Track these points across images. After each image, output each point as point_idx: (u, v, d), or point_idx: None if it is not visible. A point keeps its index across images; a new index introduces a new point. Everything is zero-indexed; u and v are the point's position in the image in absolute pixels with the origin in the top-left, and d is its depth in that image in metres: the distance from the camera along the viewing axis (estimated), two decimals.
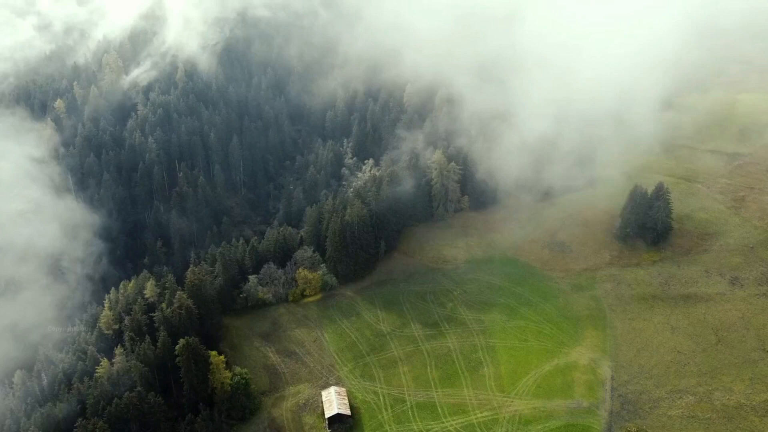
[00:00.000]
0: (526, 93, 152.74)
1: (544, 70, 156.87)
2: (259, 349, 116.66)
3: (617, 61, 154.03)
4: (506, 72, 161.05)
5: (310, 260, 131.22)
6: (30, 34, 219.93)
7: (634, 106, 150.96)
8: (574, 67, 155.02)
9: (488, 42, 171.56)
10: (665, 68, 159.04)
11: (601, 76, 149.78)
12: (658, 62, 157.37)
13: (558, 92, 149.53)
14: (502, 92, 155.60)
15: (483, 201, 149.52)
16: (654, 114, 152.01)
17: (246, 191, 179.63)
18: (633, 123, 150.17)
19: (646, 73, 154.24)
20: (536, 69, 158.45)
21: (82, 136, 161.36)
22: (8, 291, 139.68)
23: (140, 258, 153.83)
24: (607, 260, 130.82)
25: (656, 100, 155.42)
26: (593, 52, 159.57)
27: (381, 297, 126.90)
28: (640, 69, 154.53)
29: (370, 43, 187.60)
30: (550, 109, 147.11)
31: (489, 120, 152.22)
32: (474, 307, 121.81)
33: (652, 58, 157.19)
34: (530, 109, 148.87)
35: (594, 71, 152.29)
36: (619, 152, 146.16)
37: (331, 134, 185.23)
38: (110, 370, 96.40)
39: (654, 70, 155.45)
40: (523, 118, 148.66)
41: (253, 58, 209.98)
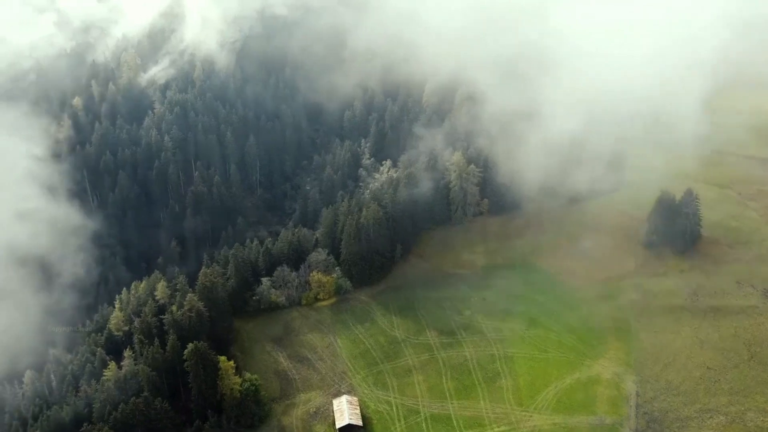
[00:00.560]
0: (553, 91, 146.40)
1: (572, 67, 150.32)
2: (270, 353, 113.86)
3: (652, 59, 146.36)
4: (531, 69, 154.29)
5: (325, 263, 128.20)
6: (50, 31, 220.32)
7: (669, 106, 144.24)
8: (605, 65, 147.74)
9: (512, 37, 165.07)
10: (705, 67, 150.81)
11: (634, 75, 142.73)
12: (697, 61, 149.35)
13: (587, 91, 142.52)
14: (527, 90, 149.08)
15: (503, 205, 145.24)
16: (689, 116, 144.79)
17: (262, 191, 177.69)
18: (666, 125, 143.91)
19: (684, 72, 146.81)
20: (564, 66, 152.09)
21: (98, 133, 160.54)
22: (21, 288, 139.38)
23: (154, 258, 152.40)
24: (632, 269, 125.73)
25: (694, 101, 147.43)
26: (626, 49, 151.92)
27: (396, 302, 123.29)
28: (677, 68, 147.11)
29: (390, 39, 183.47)
30: (578, 108, 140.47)
31: (512, 119, 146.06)
32: (492, 315, 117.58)
33: (692, 56, 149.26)
34: (556, 109, 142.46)
35: (627, 69, 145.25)
36: (648, 155, 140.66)
37: (349, 134, 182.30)
38: (117, 374, 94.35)
39: (693, 69, 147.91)
40: (548, 117, 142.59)
41: (272, 57, 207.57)
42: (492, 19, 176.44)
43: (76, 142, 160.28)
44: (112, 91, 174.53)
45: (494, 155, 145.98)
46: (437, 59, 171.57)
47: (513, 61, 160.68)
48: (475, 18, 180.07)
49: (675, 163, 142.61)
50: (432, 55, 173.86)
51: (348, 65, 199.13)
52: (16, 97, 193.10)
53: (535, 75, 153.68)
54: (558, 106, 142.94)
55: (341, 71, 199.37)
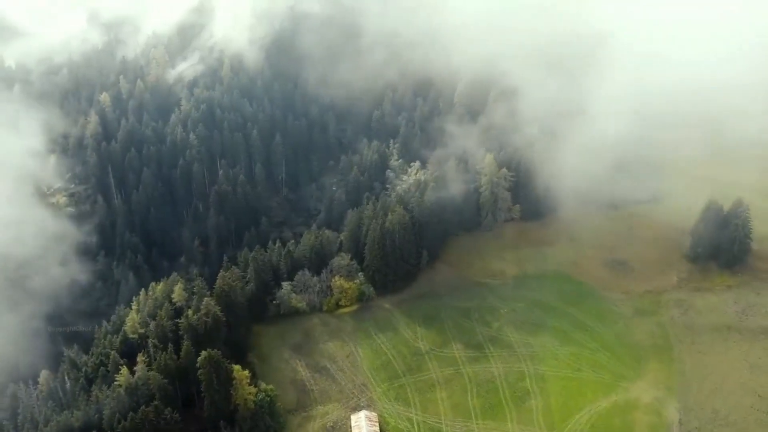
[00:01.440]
0: (597, 89, 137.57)
1: (620, 63, 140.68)
2: (288, 361, 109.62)
3: (711, 57, 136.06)
4: (575, 63, 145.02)
5: (347, 268, 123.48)
6: (83, 26, 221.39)
7: (724, 111, 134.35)
8: (658, 62, 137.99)
9: (554, 28, 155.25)
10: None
11: (689, 73, 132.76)
12: (761, 63, 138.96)
13: (635, 89, 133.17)
14: (568, 87, 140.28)
15: (536, 210, 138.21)
16: (743, 121, 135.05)
17: (287, 191, 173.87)
18: (721, 129, 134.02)
19: (748, 71, 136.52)
20: (611, 62, 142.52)
21: (124, 130, 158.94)
22: (46, 285, 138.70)
23: (177, 257, 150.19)
24: (674, 283, 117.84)
25: (757, 104, 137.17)
26: (682, 45, 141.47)
27: (420, 311, 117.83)
28: (740, 67, 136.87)
29: (423, 35, 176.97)
30: (624, 107, 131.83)
31: (550, 119, 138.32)
32: (522, 328, 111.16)
33: (757, 57, 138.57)
34: (600, 108, 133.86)
35: (682, 67, 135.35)
36: (698, 161, 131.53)
37: (378, 134, 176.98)
38: (129, 380, 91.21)
39: (757, 73, 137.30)
40: (590, 117, 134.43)
41: (301, 54, 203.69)
42: (530, 9, 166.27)
43: (102, 138, 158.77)
44: (139, 88, 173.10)
45: (529, 157, 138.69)
46: (471, 52, 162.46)
47: (554, 54, 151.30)
48: (513, 4, 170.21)
49: (725, 169, 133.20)
50: (465, 47, 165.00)
51: (379, 63, 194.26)
52: (48, 93, 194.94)
53: (578, 70, 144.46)
54: (602, 106, 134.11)
55: (372, 69, 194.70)
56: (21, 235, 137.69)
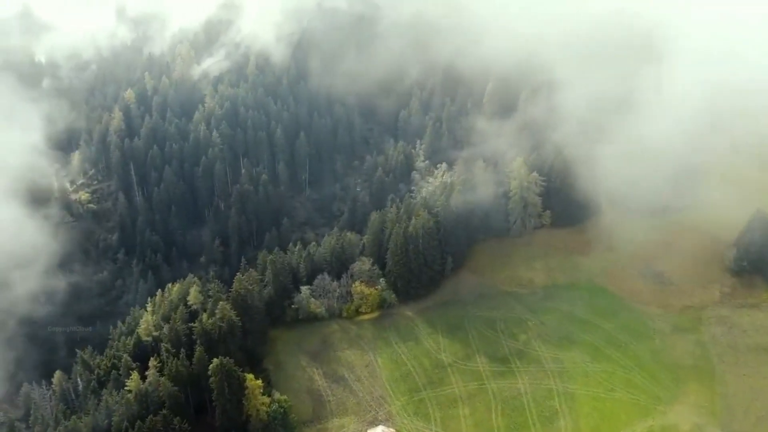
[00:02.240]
0: (651, 85, 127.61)
1: (682, 58, 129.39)
2: (305, 369, 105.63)
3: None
4: (625, 57, 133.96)
5: (369, 274, 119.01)
6: (112, 22, 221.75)
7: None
8: (728, 59, 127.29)
9: (603, 16, 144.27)
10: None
11: (759, 74, 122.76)
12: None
13: (687, 86, 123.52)
14: (617, 83, 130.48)
15: (569, 217, 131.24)
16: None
17: (311, 191, 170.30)
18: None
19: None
20: (671, 55, 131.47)
21: (147, 127, 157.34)
22: (66, 282, 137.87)
23: (197, 256, 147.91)
24: (716, 298, 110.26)
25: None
26: (757, 44, 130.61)
27: (444, 321, 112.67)
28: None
29: (452, 25, 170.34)
30: (668, 109, 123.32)
31: (591, 118, 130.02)
32: (551, 342, 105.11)
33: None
34: (651, 107, 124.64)
35: (754, 66, 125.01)
36: (747, 168, 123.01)
37: (404, 135, 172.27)
38: (140, 385, 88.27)
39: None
40: (638, 116, 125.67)
41: (329, 52, 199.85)
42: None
43: (126, 135, 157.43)
44: (164, 84, 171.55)
45: (563, 159, 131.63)
46: (504, 44, 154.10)
47: (602, 45, 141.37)
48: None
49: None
50: (498, 37, 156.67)
51: (408, 61, 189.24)
52: (75, 88, 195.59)
53: (629, 64, 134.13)
54: (653, 104, 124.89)
55: (400, 67, 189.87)
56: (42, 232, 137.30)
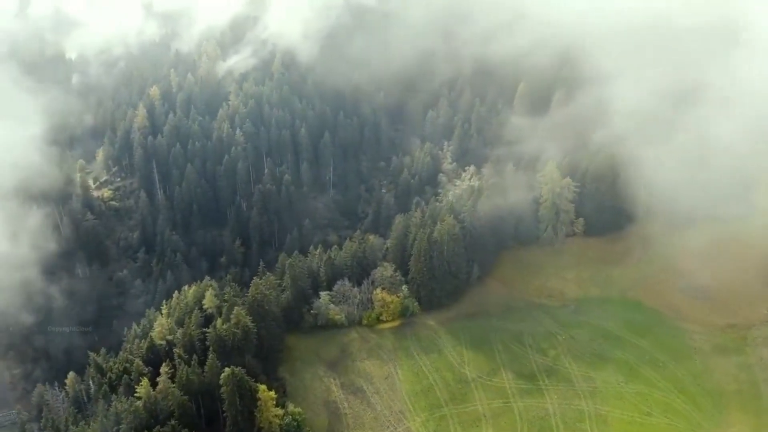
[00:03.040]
0: (712, 80, 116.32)
1: (753, 47, 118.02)
2: (322, 379, 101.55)
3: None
4: (684, 48, 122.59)
5: (390, 280, 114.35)
6: (141, 18, 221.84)
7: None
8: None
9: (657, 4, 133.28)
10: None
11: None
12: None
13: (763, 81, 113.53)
14: (655, 81, 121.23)
15: (603, 225, 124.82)
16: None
17: (334, 192, 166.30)
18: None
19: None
20: (740, 43, 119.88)
21: (171, 124, 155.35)
22: (86, 280, 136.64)
23: (217, 257, 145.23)
24: (763, 316, 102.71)
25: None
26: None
27: (468, 332, 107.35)
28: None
29: (487, 28, 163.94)
30: (742, 104, 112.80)
31: (634, 118, 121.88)
32: (583, 359, 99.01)
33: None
34: (710, 105, 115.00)
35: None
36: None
37: (431, 136, 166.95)
38: (149, 393, 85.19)
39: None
40: (693, 116, 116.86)
41: (357, 50, 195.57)
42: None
43: (149, 132, 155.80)
44: (189, 82, 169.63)
45: (597, 164, 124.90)
46: (539, 34, 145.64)
47: (654, 35, 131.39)
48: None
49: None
50: (534, 29, 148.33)
51: (438, 60, 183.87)
52: (103, 85, 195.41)
53: (685, 57, 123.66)
54: (708, 104, 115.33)
55: (428, 66, 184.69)
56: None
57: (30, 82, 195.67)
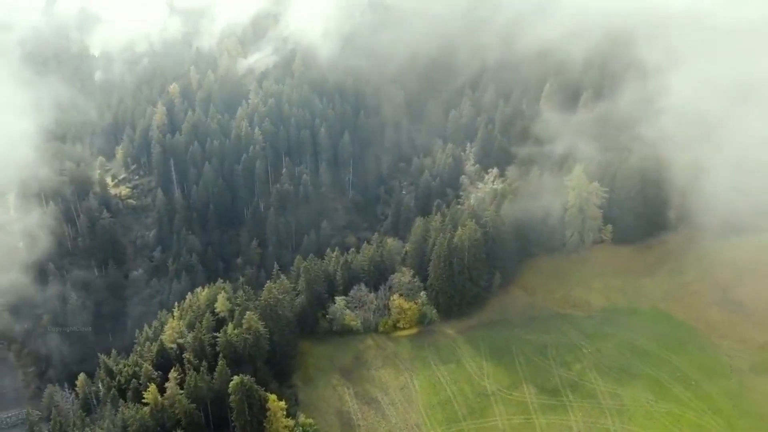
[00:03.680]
0: (755, 78, 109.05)
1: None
2: (336, 388, 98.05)
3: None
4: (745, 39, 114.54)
5: (408, 286, 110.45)
6: (165, 16, 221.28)
7: None
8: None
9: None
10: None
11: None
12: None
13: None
14: (697, 74, 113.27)
15: (632, 232, 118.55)
16: None
17: (354, 193, 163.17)
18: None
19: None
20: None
21: (189, 122, 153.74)
22: (101, 279, 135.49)
23: (233, 257, 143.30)
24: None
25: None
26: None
27: (488, 343, 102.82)
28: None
29: (512, 26, 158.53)
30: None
31: (661, 118, 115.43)
32: (609, 374, 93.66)
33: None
34: (747, 106, 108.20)
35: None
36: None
37: (454, 137, 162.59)
38: (157, 399, 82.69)
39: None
40: (715, 117, 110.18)
41: (379, 49, 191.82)
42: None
43: (168, 130, 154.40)
44: (209, 80, 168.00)
45: (628, 167, 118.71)
46: (569, 21, 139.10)
47: (710, 22, 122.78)
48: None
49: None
50: (563, 17, 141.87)
51: (462, 58, 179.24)
52: (125, 82, 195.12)
53: (745, 50, 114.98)
54: (743, 106, 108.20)
55: (452, 66, 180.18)
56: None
57: (53, 78, 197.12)
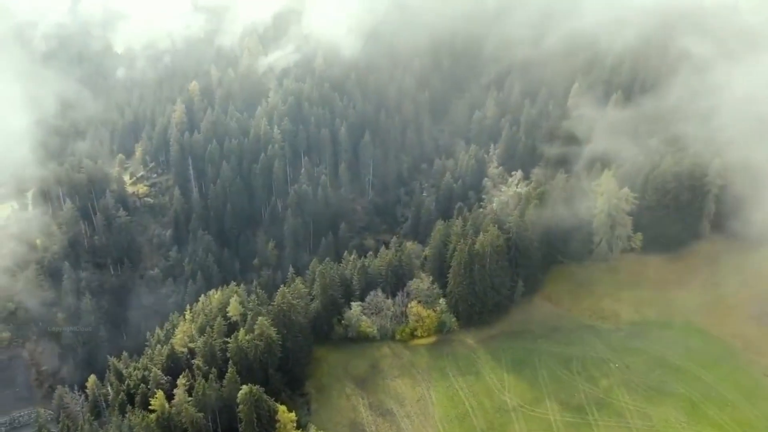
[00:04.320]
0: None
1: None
2: (350, 398, 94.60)
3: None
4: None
5: (427, 293, 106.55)
6: (188, 13, 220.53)
7: None
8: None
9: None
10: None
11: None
12: None
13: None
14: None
15: (664, 241, 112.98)
16: None
17: (373, 194, 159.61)
18: None
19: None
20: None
21: (208, 121, 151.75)
22: (115, 278, 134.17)
23: (250, 258, 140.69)
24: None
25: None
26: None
27: (510, 354, 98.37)
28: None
29: (538, 25, 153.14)
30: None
31: (699, 116, 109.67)
32: (638, 391, 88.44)
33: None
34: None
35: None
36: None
37: (477, 138, 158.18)
38: (164, 407, 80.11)
39: None
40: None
41: (402, 47, 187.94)
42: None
43: (187, 128, 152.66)
44: (229, 77, 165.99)
45: (660, 172, 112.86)
46: (600, 18, 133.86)
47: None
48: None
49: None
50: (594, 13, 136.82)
51: (485, 58, 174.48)
52: (147, 80, 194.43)
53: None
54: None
55: (477, 65, 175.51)
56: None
57: (78, 75, 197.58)
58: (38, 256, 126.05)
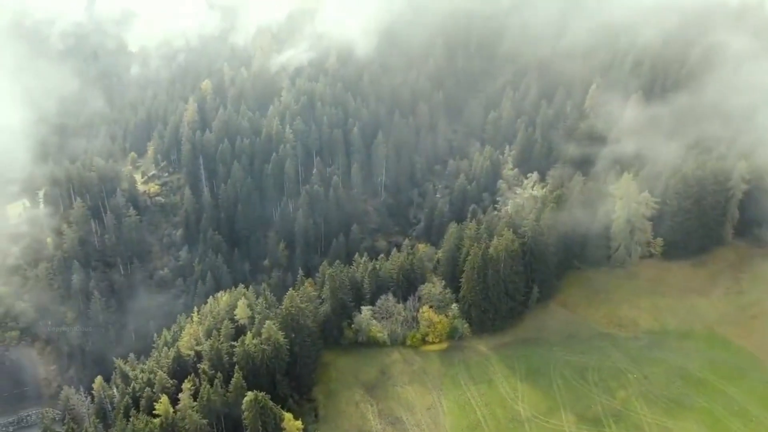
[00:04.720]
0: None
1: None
2: (358, 405, 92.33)
3: None
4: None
5: (439, 298, 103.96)
6: (202, 12, 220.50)
7: None
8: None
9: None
10: None
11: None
12: None
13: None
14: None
15: (685, 247, 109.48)
16: None
17: (386, 195, 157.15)
18: None
19: None
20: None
21: (220, 120, 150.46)
22: (125, 278, 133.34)
23: (260, 259, 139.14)
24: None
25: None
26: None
27: (524, 362, 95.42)
28: None
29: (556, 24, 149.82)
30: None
31: (725, 115, 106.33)
32: (658, 404, 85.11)
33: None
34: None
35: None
36: None
37: (492, 139, 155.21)
38: (169, 412, 78.51)
39: None
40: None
41: (416, 47, 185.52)
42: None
43: (198, 127, 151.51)
44: (242, 76, 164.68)
45: (681, 176, 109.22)
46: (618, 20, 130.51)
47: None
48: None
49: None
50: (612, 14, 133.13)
51: (501, 57, 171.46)
52: (161, 78, 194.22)
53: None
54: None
55: (493, 65, 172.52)
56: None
57: (93, 73, 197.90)
58: (49, 254, 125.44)
